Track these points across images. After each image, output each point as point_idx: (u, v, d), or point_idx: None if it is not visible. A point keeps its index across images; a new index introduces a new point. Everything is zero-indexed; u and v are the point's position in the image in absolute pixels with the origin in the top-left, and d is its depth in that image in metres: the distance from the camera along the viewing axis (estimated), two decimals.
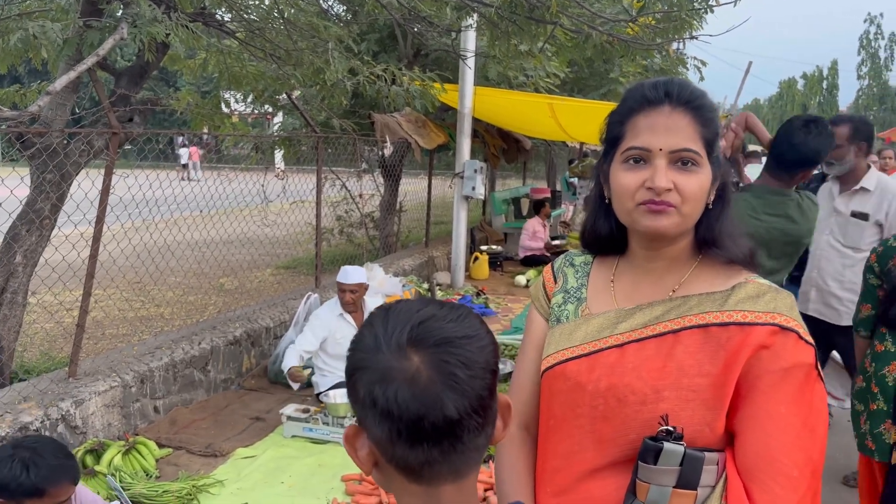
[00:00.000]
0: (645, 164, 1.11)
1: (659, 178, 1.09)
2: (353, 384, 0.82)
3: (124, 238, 4.52)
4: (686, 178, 1.10)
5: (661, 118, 1.11)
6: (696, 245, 1.18)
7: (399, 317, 0.83)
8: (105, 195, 3.53)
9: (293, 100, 6.19)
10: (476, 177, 7.41)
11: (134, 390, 3.77)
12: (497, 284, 7.99)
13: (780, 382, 1.05)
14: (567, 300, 1.28)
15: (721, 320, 1.09)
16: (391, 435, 0.79)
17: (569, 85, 9.46)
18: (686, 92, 1.12)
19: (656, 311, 1.15)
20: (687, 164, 1.10)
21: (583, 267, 1.31)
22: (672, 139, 1.10)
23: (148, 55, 3.76)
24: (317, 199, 6.01)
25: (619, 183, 1.14)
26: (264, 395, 4.48)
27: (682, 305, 1.14)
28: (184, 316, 6.83)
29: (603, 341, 1.17)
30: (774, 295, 1.11)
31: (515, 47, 6.01)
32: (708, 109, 1.13)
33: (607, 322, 1.19)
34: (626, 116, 1.15)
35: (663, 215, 1.10)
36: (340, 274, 4.44)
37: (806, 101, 51.55)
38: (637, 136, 1.13)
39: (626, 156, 1.13)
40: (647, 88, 1.15)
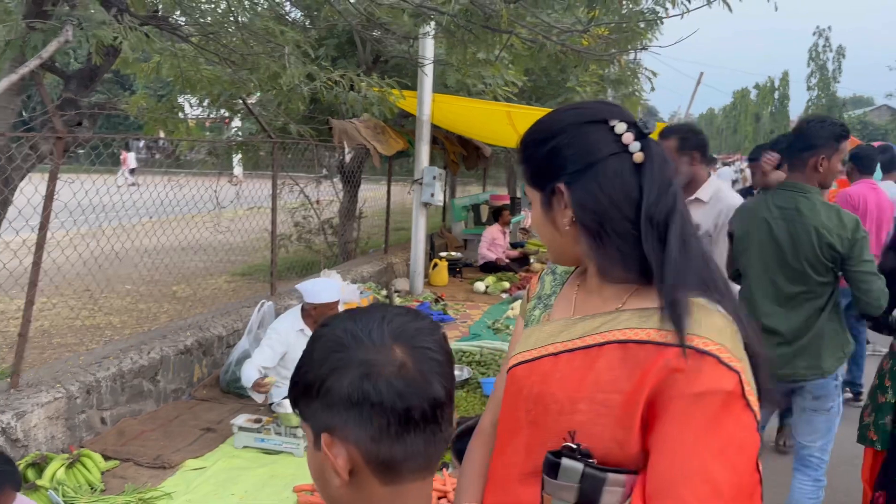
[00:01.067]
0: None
1: None
2: (328, 388, 0.81)
3: (72, 246, 4.40)
4: None
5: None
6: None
7: (367, 317, 0.86)
8: (49, 201, 3.43)
9: (248, 105, 6.11)
10: (435, 183, 7.42)
11: (79, 401, 3.67)
12: (456, 291, 8.00)
13: (690, 408, 1.00)
14: (537, 306, 1.32)
15: (640, 338, 1.07)
16: (379, 430, 0.80)
17: (527, 93, 9.54)
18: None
19: (595, 322, 1.15)
20: None
21: (562, 275, 1.34)
22: None
23: (96, 58, 3.68)
24: (272, 206, 5.94)
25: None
26: (216, 405, 4.40)
27: (615, 319, 1.13)
28: (134, 324, 6.68)
29: (545, 349, 1.19)
30: (700, 316, 1.05)
31: (473, 55, 6.05)
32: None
33: (555, 330, 1.20)
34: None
35: None
36: (310, 294, 4.24)
37: (759, 110, 53.00)
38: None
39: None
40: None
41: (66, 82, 4.58)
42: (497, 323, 6.36)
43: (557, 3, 3.03)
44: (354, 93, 5.88)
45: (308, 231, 9.59)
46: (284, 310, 5.68)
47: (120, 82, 24.93)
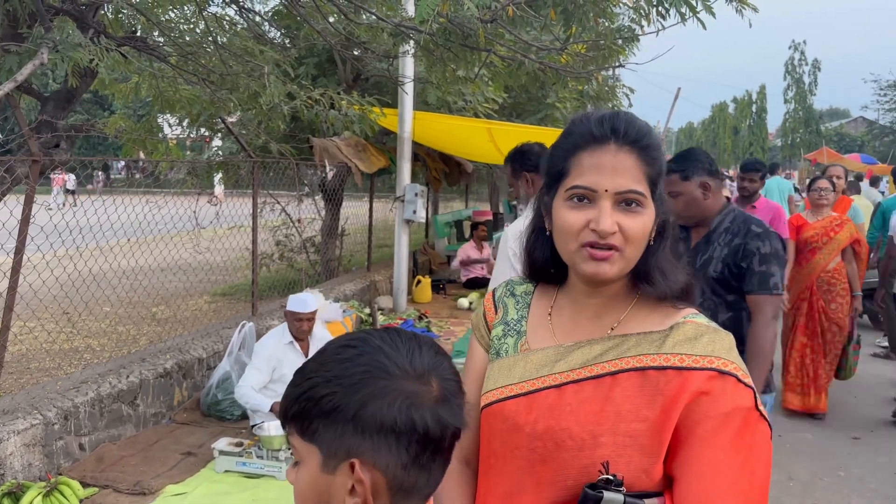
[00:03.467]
0: (589, 204, 1.10)
1: (604, 220, 1.07)
2: (367, 414, 0.81)
3: (48, 268, 4.34)
4: (631, 219, 1.09)
5: (608, 157, 1.09)
6: (634, 280, 1.16)
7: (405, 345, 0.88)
8: (25, 225, 3.39)
9: (228, 124, 6.09)
10: (417, 200, 7.42)
11: (57, 427, 3.60)
12: (440, 307, 7.98)
13: (718, 428, 1.03)
14: (507, 333, 1.25)
15: (659, 364, 1.07)
16: (413, 458, 0.83)
17: (507, 110, 9.61)
18: (633, 130, 1.10)
19: (595, 350, 1.13)
20: (631, 205, 1.09)
21: (523, 297, 1.28)
22: (618, 180, 1.08)
23: (72, 80, 3.66)
24: (253, 225, 5.91)
25: (562, 221, 1.12)
26: (196, 428, 4.34)
27: (621, 346, 1.12)
28: (113, 347, 6.59)
29: (541, 380, 1.14)
30: (713, 336, 1.09)
31: (453, 73, 6.09)
32: (653, 148, 1.12)
33: (546, 359, 1.16)
34: (571, 152, 1.13)
35: (606, 263, 1.08)
36: (295, 303, 4.28)
37: (737, 123, 53.73)
38: (582, 174, 1.11)
39: (571, 193, 1.11)
40: (593, 124, 1.12)
41: (42, 104, 4.54)
42: None
43: (535, 22, 3.06)
44: (335, 111, 5.88)
45: (290, 249, 9.55)
46: (266, 330, 5.63)
47: (99, 102, 24.79)
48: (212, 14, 5.41)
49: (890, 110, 42.77)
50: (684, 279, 1.16)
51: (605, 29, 3.37)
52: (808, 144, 43.35)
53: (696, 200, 2.67)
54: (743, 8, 3.55)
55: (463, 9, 2.54)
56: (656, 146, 1.13)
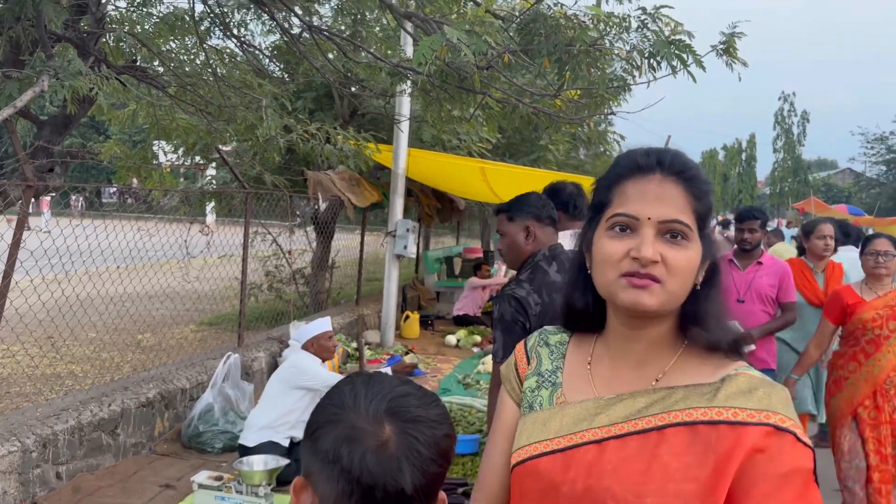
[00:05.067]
0: (631, 233, 1.04)
1: (646, 247, 1.01)
2: (318, 436, 0.85)
3: (35, 292, 4.32)
4: (675, 251, 1.02)
5: (652, 186, 1.05)
6: (681, 327, 1.08)
7: (381, 385, 0.89)
8: (15, 249, 3.39)
9: (223, 154, 6.14)
10: (408, 236, 7.46)
11: (35, 455, 3.55)
12: (427, 344, 7.96)
13: (777, 490, 0.95)
14: (541, 385, 1.17)
15: (710, 418, 1.00)
16: (342, 494, 0.82)
17: (501, 149, 9.73)
18: (679, 162, 1.07)
19: (639, 402, 1.05)
20: (676, 237, 1.03)
21: (558, 347, 1.21)
22: (662, 209, 1.03)
23: (70, 108, 3.70)
24: (243, 256, 5.92)
25: (602, 251, 1.06)
26: (176, 460, 4.28)
27: (667, 398, 1.04)
28: (96, 374, 6.52)
29: (580, 435, 1.07)
30: (768, 390, 1.01)
31: (448, 112, 6.19)
32: (702, 182, 1.07)
33: (585, 413, 1.09)
34: (615, 182, 1.09)
35: (646, 291, 1.01)
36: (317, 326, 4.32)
37: (727, 171, 54.44)
38: (625, 202, 1.06)
39: (612, 222, 1.06)
40: (638, 155, 1.09)
41: (39, 128, 4.58)
42: (467, 378, 6.33)
43: (530, 68, 3.14)
44: (330, 146, 5.95)
45: (279, 280, 9.53)
46: (252, 362, 5.61)
47: (94, 126, 24.88)
48: (212, 46, 5.50)
49: (876, 163, 43.45)
50: (736, 329, 1.09)
51: (598, 77, 3.45)
52: (797, 194, 43.94)
53: (516, 243, 2.67)
54: (733, 62, 3.64)
55: (460, 55, 2.60)
56: (705, 181, 1.08)
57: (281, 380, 4.19)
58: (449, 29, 2.56)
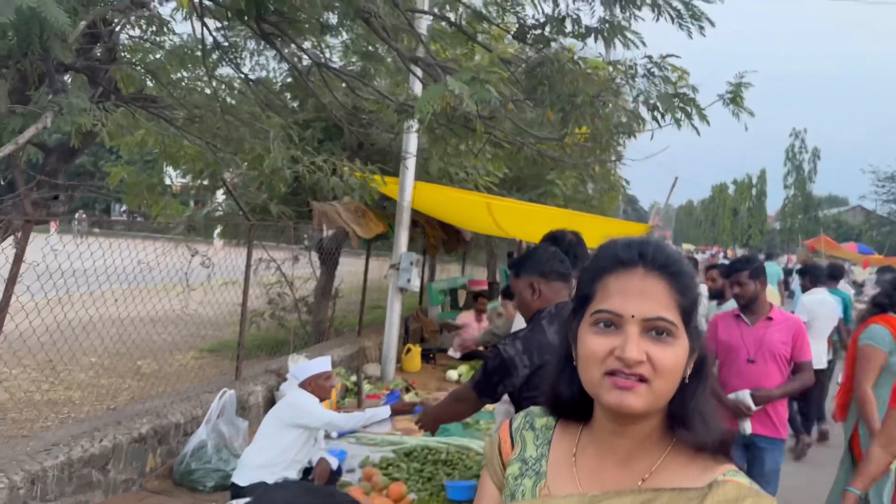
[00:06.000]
0: (616, 330, 1.02)
1: (630, 348, 0.99)
2: None
3: (37, 312, 4.28)
4: (660, 349, 1.00)
5: (635, 281, 1.03)
6: (669, 424, 1.07)
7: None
8: (11, 284, 3.37)
9: (229, 186, 6.15)
10: (412, 269, 7.42)
11: (22, 492, 3.49)
12: (428, 378, 7.88)
13: None
14: (524, 473, 1.15)
15: None
16: None
17: (508, 182, 9.73)
18: (662, 256, 1.05)
19: (624, 502, 1.04)
20: (661, 335, 1.01)
21: (544, 432, 1.19)
22: (646, 306, 1.02)
23: (74, 142, 3.70)
24: (244, 288, 5.89)
25: (586, 347, 1.04)
26: (167, 499, 4.21)
27: (653, 501, 1.02)
28: (94, 401, 6.48)
29: None
30: (756, 500, 0.99)
31: (455, 146, 6.20)
32: (686, 276, 1.05)
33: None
34: (597, 275, 1.08)
35: (631, 393, 0.99)
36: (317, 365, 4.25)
37: (736, 205, 54.41)
38: (608, 298, 1.04)
39: (596, 318, 1.04)
40: (619, 248, 1.07)
41: (46, 155, 4.59)
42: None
43: (533, 116, 3.13)
44: (336, 178, 5.95)
45: (282, 308, 9.50)
46: (248, 397, 5.55)
47: (106, 147, 25.06)
48: (220, 78, 5.53)
49: (887, 201, 43.37)
50: (723, 428, 1.06)
51: (602, 126, 3.43)
52: (807, 231, 43.82)
53: (524, 300, 2.68)
54: (739, 112, 3.62)
55: (462, 105, 2.59)
56: (689, 275, 1.06)
57: (277, 417, 4.13)
58: (452, 80, 2.54)
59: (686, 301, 1.04)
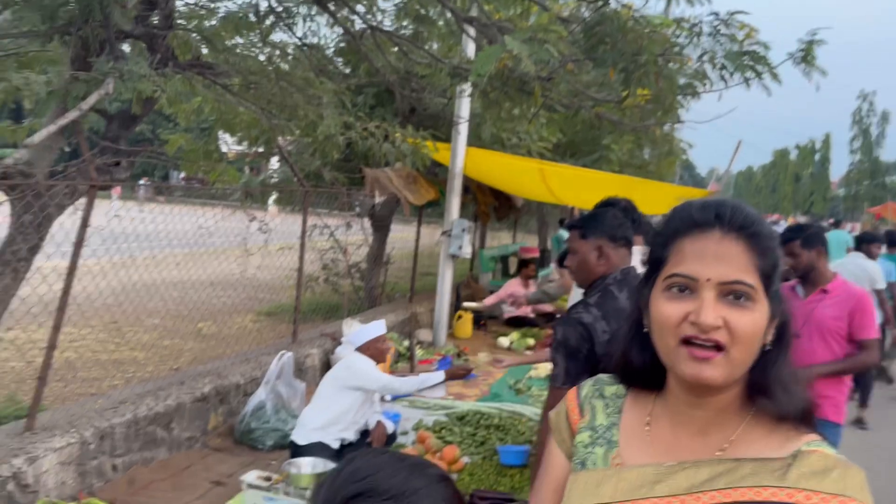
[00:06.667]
0: (691, 295, 0.98)
1: (706, 312, 0.95)
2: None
3: (103, 274, 4.43)
4: (738, 314, 0.96)
5: (711, 244, 0.98)
6: (748, 393, 1.02)
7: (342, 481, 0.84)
8: (78, 248, 3.48)
9: (283, 153, 6.20)
10: (463, 236, 7.40)
11: (93, 447, 3.65)
12: (479, 345, 7.89)
13: None
14: (595, 441, 1.12)
15: (780, 499, 0.93)
16: None
17: (562, 148, 9.56)
18: (740, 216, 0.99)
19: (702, 473, 0.99)
20: (739, 299, 0.96)
21: (614, 401, 1.15)
22: (722, 269, 0.96)
23: (135, 108, 3.77)
24: (300, 254, 5.97)
25: (659, 313, 1.00)
26: (228, 456, 4.35)
27: (734, 472, 0.97)
28: (157, 361, 6.71)
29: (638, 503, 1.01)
30: (843, 472, 0.94)
31: (509, 112, 6.09)
32: (766, 238, 0.99)
33: (643, 479, 1.02)
34: (671, 238, 1.03)
35: (709, 365, 0.95)
36: (373, 329, 4.29)
37: (799, 171, 52.47)
38: (682, 261, 1.00)
39: (670, 283, 1.00)
40: (695, 210, 1.02)
41: (108, 122, 4.70)
42: (519, 383, 6.24)
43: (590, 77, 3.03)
44: (388, 144, 5.93)
45: (335, 273, 9.62)
46: (305, 359, 5.66)
47: (164, 115, 25.61)
48: (274, 44, 5.54)
49: None
50: (807, 397, 1.01)
51: (666, 85, 3.30)
52: (873, 197, 42.04)
53: (587, 263, 2.53)
54: (811, 71, 3.44)
55: (520, 65, 2.52)
56: (769, 236, 1.00)
57: (335, 380, 4.20)
58: (509, 39, 2.47)
59: (766, 264, 0.99)
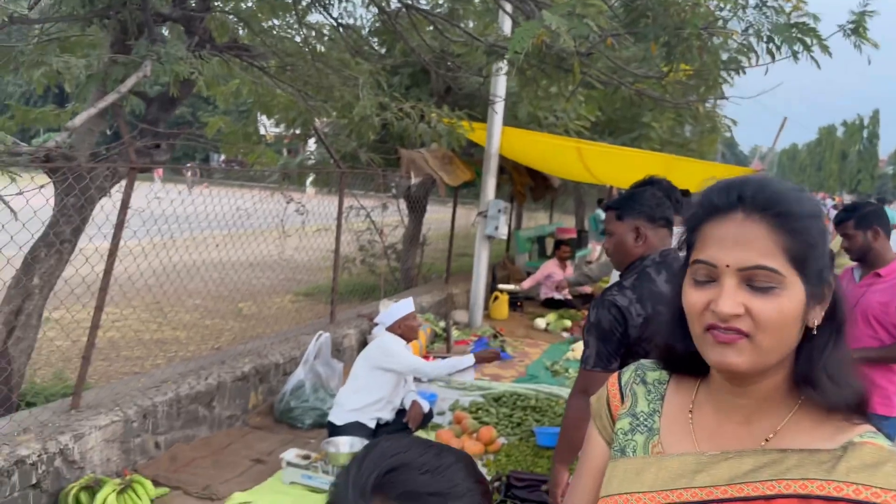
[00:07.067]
0: (713, 282, 0.94)
1: (723, 301, 0.91)
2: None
3: (144, 255, 4.51)
4: (761, 301, 0.90)
5: (732, 228, 0.93)
6: (794, 382, 0.97)
7: (374, 459, 0.81)
8: (119, 229, 3.53)
9: (320, 134, 6.21)
10: (499, 217, 7.35)
11: (136, 425, 3.73)
12: (515, 326, 7.87)
13: None
14: (635, 428, 1.08)
15: (827, 493, 0.88)
16: None
17: (600, 127, 9.40)
18: (764, 196, 0.93)
19: (745, 464, 0.95)
20: (763, 285, 0.91)
21: (656, 387, 1.11)
22: (742, 254, 0.92)
23: (173, 90, 3.79)
24: (336, 234, 5.99)
25: (685, 301, 0.98)
26: (268, 434, 4.41)
27: (779, 464, 0.93)
28: (199, 341, 6.83)
29: (677, 493, 0.97)
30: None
31: (546, 89, 5.99)
32: (794, 217, 0.92)
33: (684, 468, 0.99)
34: (696, 223, 0.99)
35: (732, 349, 0.91)
36: (402, 307, 4.29)
37: (846, 148, 50.90)
38: (704, 247, 0.96)
39: (694, 270, 0.97)
40: (715, 193, 0.97)
41: (147, 104, 4.75)
42: (556, 365, 6.20)
43: (630, 53, 2.94)
44: (424, 124, 5.90)
45: (372, 255, 9.67)
46: (343, 339, 5.70)
47: (203, 98, 25.91)
48: (310, 24, 5.53)
49: None
50: (858, 386, 0.95)
51: (710, 60, 3.19)
52: None
53: (624, 244, 2.44)
54: (862, 43, 3.30)
55: (558, 41, 2.45)
56: (801, 214, 0.93)
57: (367, 360, 4.22)
58: (547, 14, 2.41)
59: (797, 244, 0.92)
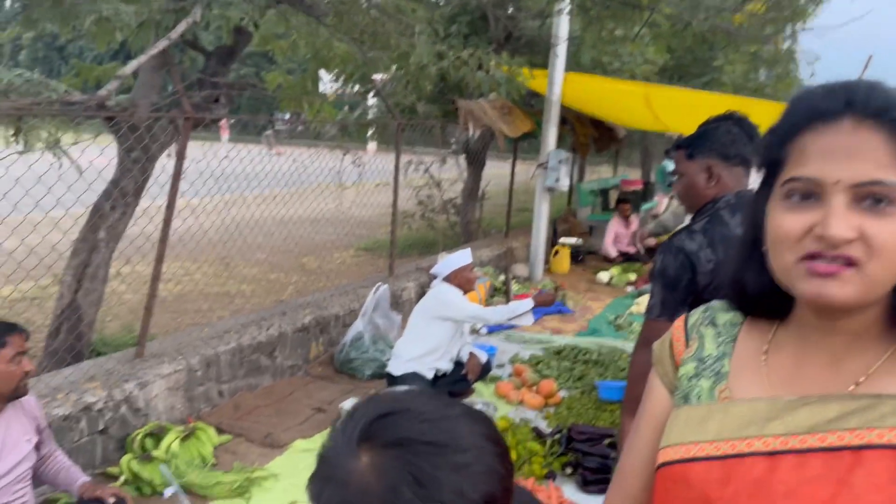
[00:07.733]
0: (816, 202, 0.80)
1: (834, 223, 0.77)
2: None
3: (214, 212, 4.58)
4: (879, 223, 0.77)
5: (840, 137, 0.79)
6: (893, 318, 0.83)
7: (369, 405, 0.72)
8: (176, 180, 3.54)
9: (377, 86, 6.12)
10: (560, 168, 7.14)
11: (199, 374, 3.80)
12: (577, 280, 7.70)
13: None
14: (701, 373, 0.96)
15: None
16: None
17: (668, 71, 8.96)
18: (877, 99, 0.79)
19: (830, 410, 0.83)
20: (880, 203, 0.77)
21: (728, 329, 0.98)
22: (856, 167, 0.78)
23: (226, 38, 3.74)
24: (394, 188, 5.93)
25: (775, 227, 0.83)
26: (329, 384, 4.45)
27: (871, 410, 0.81)
28: (263, 294, 6.94)
29: (747, 443, 0.86)
30: None
31: (611, 32, 5.71)
32: None
33: (754, 415, 0.87)
34: (790, 134, 0.84)
35: (835, 281, 0.77)
36: (460, 258, 4.23)
37: None
38: (804, 162, 0.81)
39: (789, 190, 0.82)
40: (818, 96, 0.83)
41: (206, 58, 4.74)
42: (619, 319, 6.04)
43: None
44: (482, 72, 5.72)
45: (431, 209, 9.60)
46: (402, 292, 5.68)
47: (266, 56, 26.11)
48: None
49: None
50: None
51: None
52: None
53: (695, 186, 2.21)
54: None
55: None
56: None
57: (425, 311, 4.18)
58: None
59: None
